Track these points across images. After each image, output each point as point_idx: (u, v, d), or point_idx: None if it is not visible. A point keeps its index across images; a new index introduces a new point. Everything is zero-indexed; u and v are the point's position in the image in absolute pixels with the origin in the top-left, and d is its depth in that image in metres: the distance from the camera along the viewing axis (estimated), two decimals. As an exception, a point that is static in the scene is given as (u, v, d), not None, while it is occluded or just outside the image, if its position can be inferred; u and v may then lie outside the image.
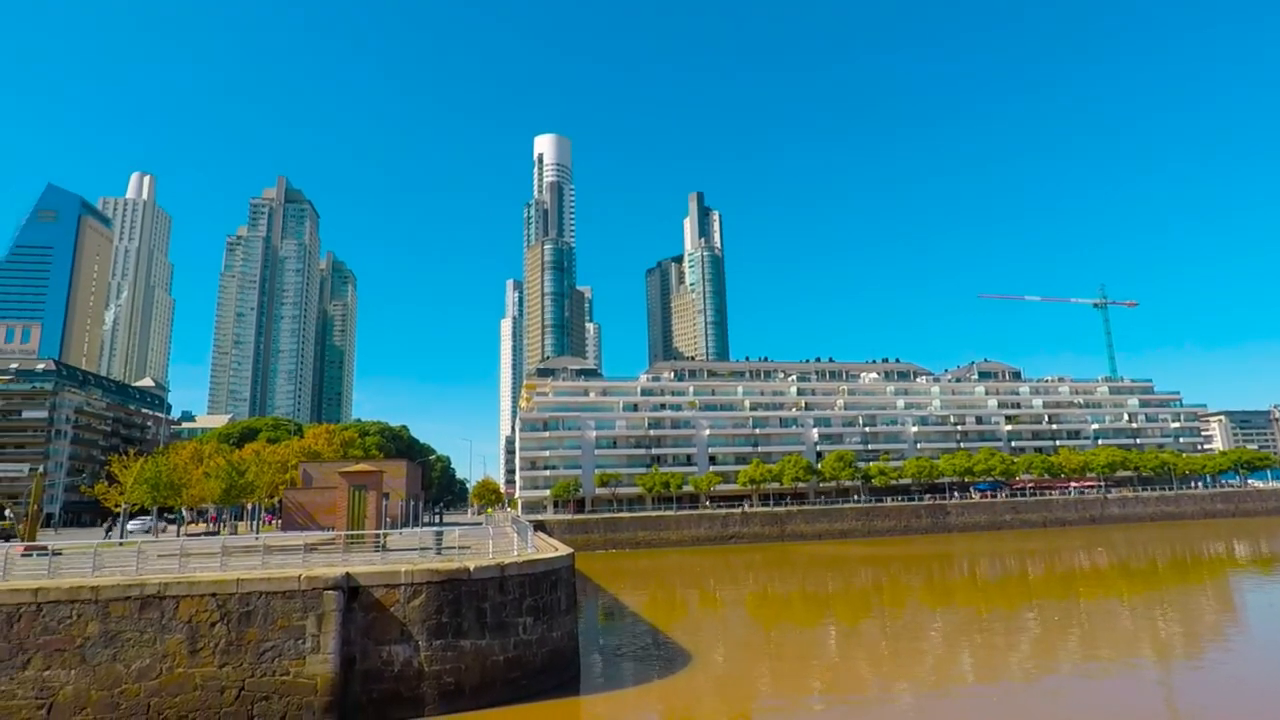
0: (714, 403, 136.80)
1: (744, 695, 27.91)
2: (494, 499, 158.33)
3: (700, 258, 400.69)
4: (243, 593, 22.43)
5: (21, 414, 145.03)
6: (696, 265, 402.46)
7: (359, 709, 22.53)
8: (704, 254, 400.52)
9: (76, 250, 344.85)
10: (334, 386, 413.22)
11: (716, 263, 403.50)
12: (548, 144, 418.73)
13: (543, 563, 26.96)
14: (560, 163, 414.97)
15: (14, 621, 21.30)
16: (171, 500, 69.28)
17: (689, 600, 56.34)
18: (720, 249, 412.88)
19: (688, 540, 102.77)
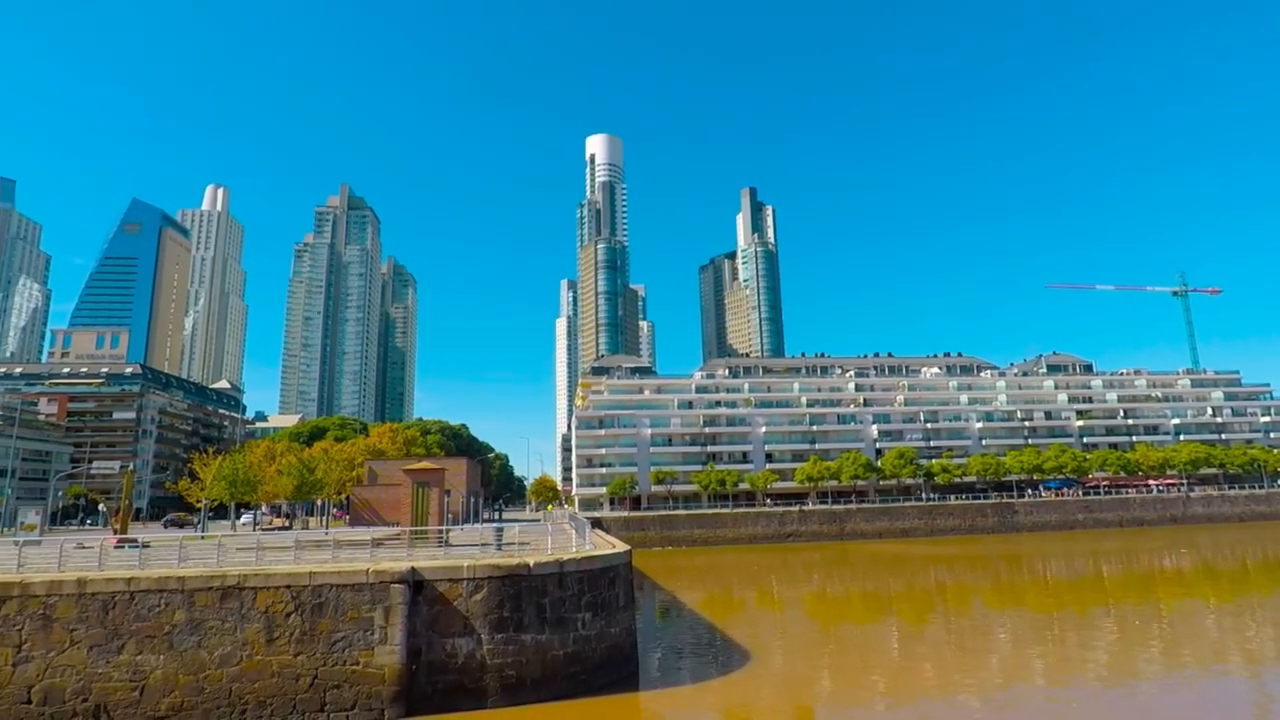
0: (769, 399, 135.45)
1: (804, 695, 27.63)
2: (551, 496, 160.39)
3: (753, 253, 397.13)
4: (315, 585, 23.37)
5: (112, 415, 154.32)
6: (750, 261, 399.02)
7: (425, 699, 23.21)
8: (757, 249, 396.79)
9: (158, 260, 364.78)
10: (396, 386, 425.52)
11: (770, 258, 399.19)
12: (599, 144, 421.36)
13: (601, 559, 27.23)
14: (612, 162, 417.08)
15: (109, 609, 22.71)
16: (247, 496, 72.49)
17: (746, 598, 56.02)
18: (774, 244, 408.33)
19: (744, 538, 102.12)
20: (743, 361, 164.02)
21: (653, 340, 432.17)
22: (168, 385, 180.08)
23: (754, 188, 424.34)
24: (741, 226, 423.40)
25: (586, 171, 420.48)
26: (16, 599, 22.57)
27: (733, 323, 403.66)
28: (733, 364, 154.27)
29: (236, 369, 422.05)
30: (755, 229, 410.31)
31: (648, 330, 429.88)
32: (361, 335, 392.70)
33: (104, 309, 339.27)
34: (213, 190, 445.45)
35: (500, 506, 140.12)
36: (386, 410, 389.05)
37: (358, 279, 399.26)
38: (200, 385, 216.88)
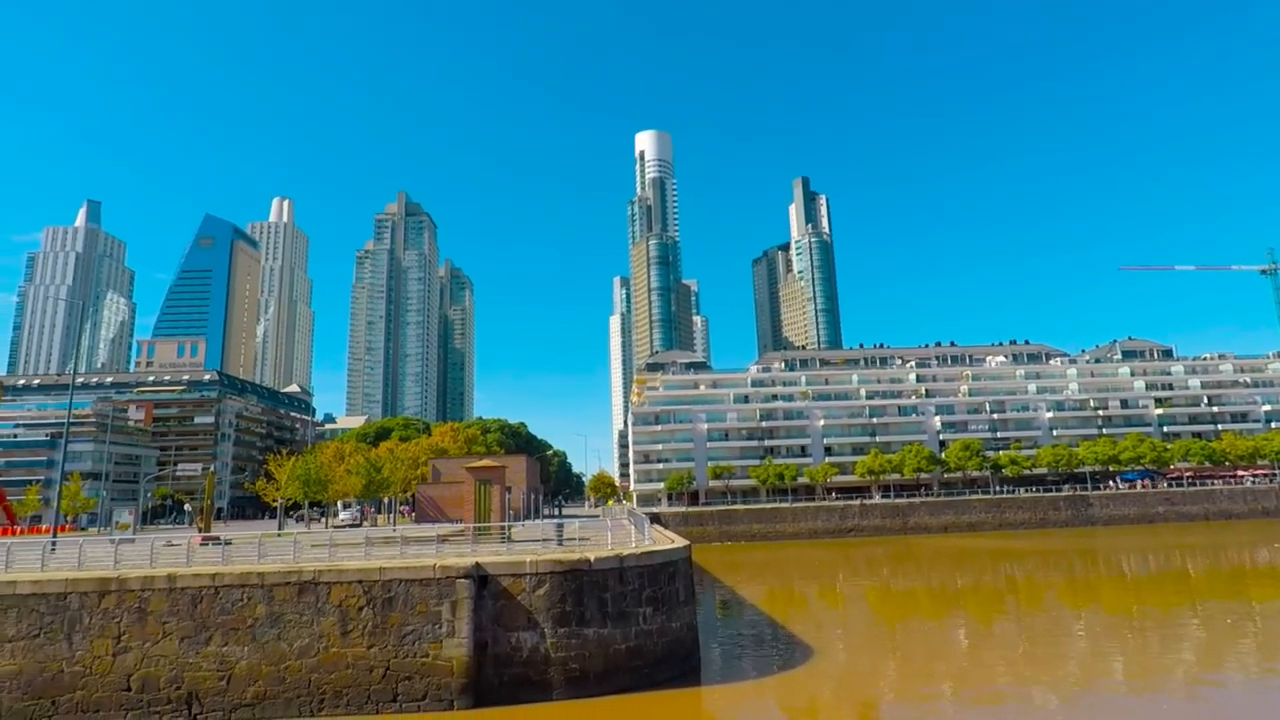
0: (827, 392, 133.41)
1: (869, 692, 27.21)
2: (609, 492, 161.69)
3: (807, 244, 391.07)
4: (385, 580, 24.22)
5: (194, 420, 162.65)
6: (804, 252, 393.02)
7: (492, 691, 23.80)
8: (811, 240, 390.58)
9: (231, 272, 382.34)
10: (456, 386, 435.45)
11: (825, 248, 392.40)
12: (648, 140, 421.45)
13: (660, 554, 27.39)
14: (661, 158, 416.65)
15: (197, 603, 24.04)
16: (319, 495, 75.44)
17: (807, 593, 55.42)
18: (828, 234, 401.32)
19: (804, 533, 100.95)
20: (799, 354, 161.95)
21: (707, 335, 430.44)
22: (243, 390, 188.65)
23: (806, 177, 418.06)
24: (794, 217, 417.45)
25: (636, 168, 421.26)
26: (114, 593, 24.11)
27: (787, 315, 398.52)
28: (789, 357, 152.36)
29: (305, 373, 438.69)
30: (809, 219, 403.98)
31: (701, 325, 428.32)
32: (422, 338, 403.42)
33: (183, 320, 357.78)
34: (278, 202, 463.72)
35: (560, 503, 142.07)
36: (447, 410, 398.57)
37: (417, 283, 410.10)
38: (272, 390, 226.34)
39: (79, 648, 23.66)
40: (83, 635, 23.76)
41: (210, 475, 53.34)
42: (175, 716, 23.09)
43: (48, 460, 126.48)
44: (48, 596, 24.11)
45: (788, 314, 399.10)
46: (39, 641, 23.71)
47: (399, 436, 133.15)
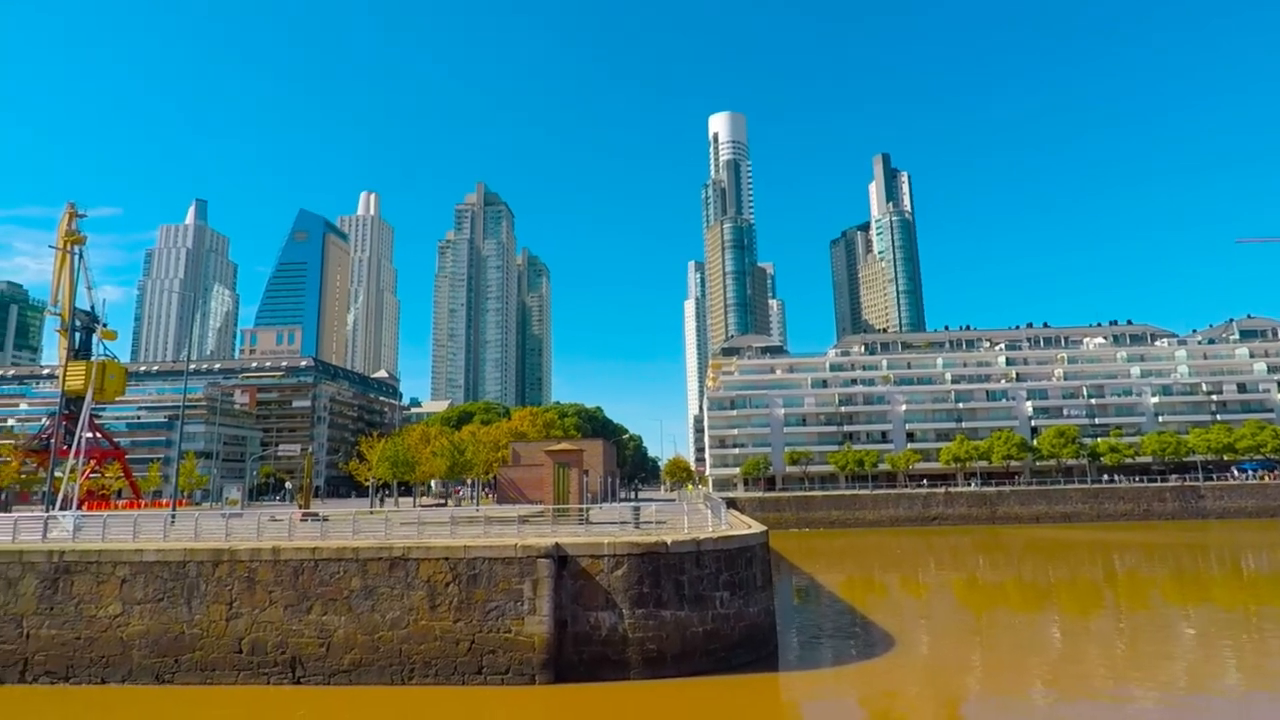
0: (910, 376, 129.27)
1: (953, 685, 26.43)
2: (685, 477, 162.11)
3: (888, 223, 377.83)
4: (469, 558, 25.16)
5: (292, 404, 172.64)
6: (885, 232, 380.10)
7: (572, 668, 24.43)
8: (892, 219, 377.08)
9: (323, 264, 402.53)
10: (534, 372, 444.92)
11: (907, 227, 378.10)
12: (722, 122, 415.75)
13: (737, 539, 27.34)
14: (735, 140, 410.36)
15: (299, 574, 25.64)
16: (406, 476, 78.86)
17: (888, 582, 54.17)
18: (910, 212, 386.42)
19: (885, 520, 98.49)
20: (880, 337, 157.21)
21: (783, 319, 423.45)
22: (336, 376, 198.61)
23: (887, 154, 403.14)
24: (874, 196, 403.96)
25: (710, 151, 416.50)
26: (227, 563, 26.00)
27: (867, 297, 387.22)
28: (869, 340, 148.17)
29: (392, 359, 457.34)
30: (889, 197, 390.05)
31: (778, 309, 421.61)
32: (501, 324, 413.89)
33: (281, 309, 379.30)
34: (365, 196, 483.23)
35: (636, 486, 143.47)
36: (526, 394, 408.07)
37: (495, 271, 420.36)
38: (363, 375, 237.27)
39: (197, 612, 25.68)
40: (200, 600, 25.76)
41: (308, 455, 56.64)
42: (281, 678, 24.77)
43: (166, 440, 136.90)
44: (170, 564, 26.25)
45: (867, 296, 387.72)
46: (163, 605, 25.86)
47: (480, 420, 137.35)
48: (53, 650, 25.95)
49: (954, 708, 24.13)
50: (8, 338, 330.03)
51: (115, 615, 26.00)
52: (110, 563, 26.56)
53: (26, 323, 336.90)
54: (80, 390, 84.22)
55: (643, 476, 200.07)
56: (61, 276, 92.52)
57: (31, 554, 27.10)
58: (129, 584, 26.22)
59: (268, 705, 23.32)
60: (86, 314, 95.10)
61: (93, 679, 25.51)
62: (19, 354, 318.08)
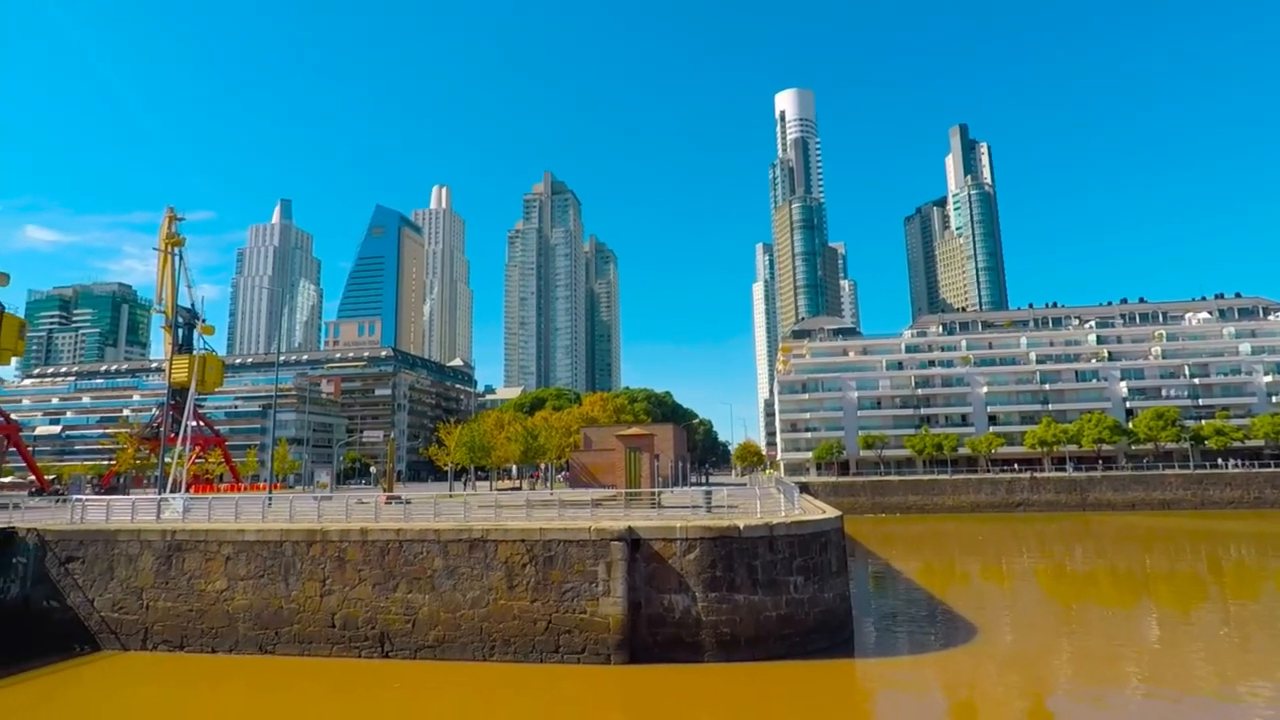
0: (991, 356, 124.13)
1: (1039, 676, 25.48)
2: (756, 461, 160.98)
3: (966, 197, 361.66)
4: (545, 540, 25.82)
5: (374, 392, 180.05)
6: (963, 206, 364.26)
7: (646, 649, 24.80)
8: (970, 193, 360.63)
9: (400, 257, 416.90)
10: (603, 358, 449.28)
11: (986, 201, 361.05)
12: (789, 100, 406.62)
13: (811, 524, 27.06)
14: (803, 117, 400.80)
15: (385, 554, 26.90)
16: (483, 460, 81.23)
17: (969, 570, 52.53)
18: (990, 185, 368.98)
19: (965, 506, 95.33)
20: (958, 316, 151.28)
21: (855, 300, 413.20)
22: (414, 365, 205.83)
23: (964, 125, 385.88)
24: (951, 169, 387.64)
25: (777, 130, 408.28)
26: (319, 543, 27.52)
27: (945, 275, 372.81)
28: (947, 319, 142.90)
29: (467, 348, 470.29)
30: (967, 170, 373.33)
31: (850, 290, 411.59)
32: (570, 312, 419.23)
33: (361, 302, 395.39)
34: (437, 190, 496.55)
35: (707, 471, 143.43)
36: (596, 380, 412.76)
37: (564, 259, 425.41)
38: (439, 364, 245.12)
39: (293, 588, 27.31)
40: (296, 577, 27.38)
41: (391, 441, 59.11)
42: (371, 651, 26.11)
43: (261, 428, 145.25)
44: (268, 544, 27.98)
45: (945, 274, 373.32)
46: (263, 581, 27.63)
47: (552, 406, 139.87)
48: (169, 621, 28.13)
49: (1041, 700, 23.29)
50: (120, 335, 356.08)
51: (221, 590, 27.94)
52: (216, 541, 28.53)
53: (136, 320, 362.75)
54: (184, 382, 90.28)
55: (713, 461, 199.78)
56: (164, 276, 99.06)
57: (148, 533, 29.38)
58: (233, 561, 28.11)
59: (360, 677, 24.63)
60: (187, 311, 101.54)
61: (204, 648, 27.54)
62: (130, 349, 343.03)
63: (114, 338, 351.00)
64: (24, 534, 30.31)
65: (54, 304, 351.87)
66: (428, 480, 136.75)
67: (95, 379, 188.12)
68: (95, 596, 28.98)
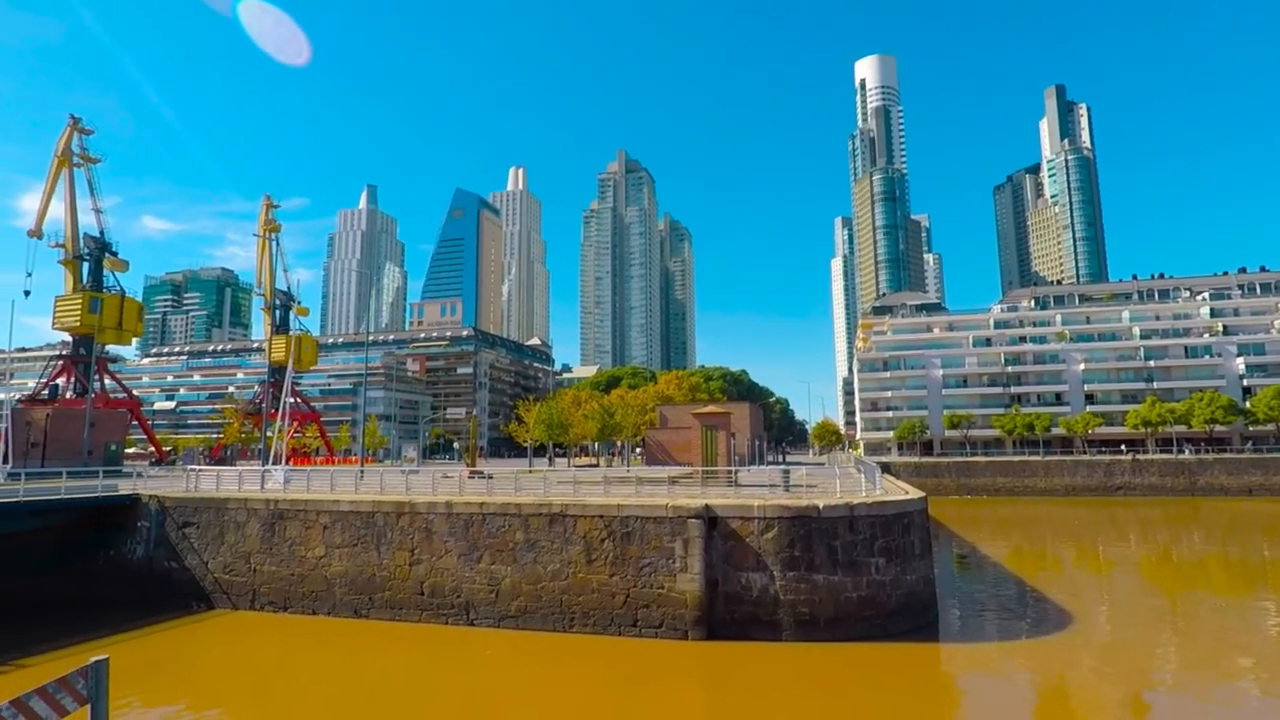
0: (1089, 331, 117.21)
1: (1140, 668, 24.11)
2: (834, 440, 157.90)
3: (1063, 163, 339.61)
4: (623, 516, 26.13)
5: (456, 371, 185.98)
6: (1058, 172, 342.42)
7: (723, 626, 24.85)
8: (1068, 158, 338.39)
9: (479, 239, 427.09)
10: (678, 336, 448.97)
11: (1085, 166, 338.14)
12: (869, 67, 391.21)
13: (893, 505, 26.37)
14: (885, 85, 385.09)
15: (469, 526, 27.88)
16: (561, 438, 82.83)
17: (1062, 555, 50.11)
18: (1090, 149, 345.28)
19: (1059, 489, 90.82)
20: (1052, 290, 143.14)
21: (940, 274, 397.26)
22: (494, 345, 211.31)
23: (1061, 86, 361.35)
24: (1046, 133, 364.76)
25: (856, 99, 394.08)
26: (408, 515, 28.77)
27: (1037, 246, 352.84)
28: (1040, 293, 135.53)
29: (544, 327, 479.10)
30: (1064, 134, 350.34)
31: (934, 263, 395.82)
32: (645, 290, 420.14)
33: (443, 283, 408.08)
34: (514, 172, 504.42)
35: (784, 449, 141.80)
36: (671, 358, 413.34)
37: (638, 238, 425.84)
38: (517, 343, 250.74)
39: (385, 556, 28.71)
40: (387, 547, 28.76)
41: (473, 418, 61.02)
42: (457, 619, 27.21)
43: (352, 404, 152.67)
44: (361, 514, 29.46)
45: (1038, 245, 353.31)
46: (357, 549, 29.15)
47: (628, 385, 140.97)
48: (273, 584, 30.11)
49: (1140, 693, 22.06)
50: (225, 317, 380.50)
51: (320, 556, 29.66)
52: (314, 511, 30.25)
53: (238, 303, 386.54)
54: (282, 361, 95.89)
55: (789, 440, 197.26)
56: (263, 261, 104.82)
57: (254, 501, 31.44)
58: (329, 530, 29.77)
59: (447, 643, 25.74)
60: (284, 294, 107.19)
61: (305, 610, 29.37)
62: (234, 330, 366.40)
63: (219, 319, 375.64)
64: (147, 500, 32.98)
65: (167, 288, 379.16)
66: (507, 456, 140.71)
67: (204, 358, 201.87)
68: (209, 559, 31.31)
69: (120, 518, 32.95)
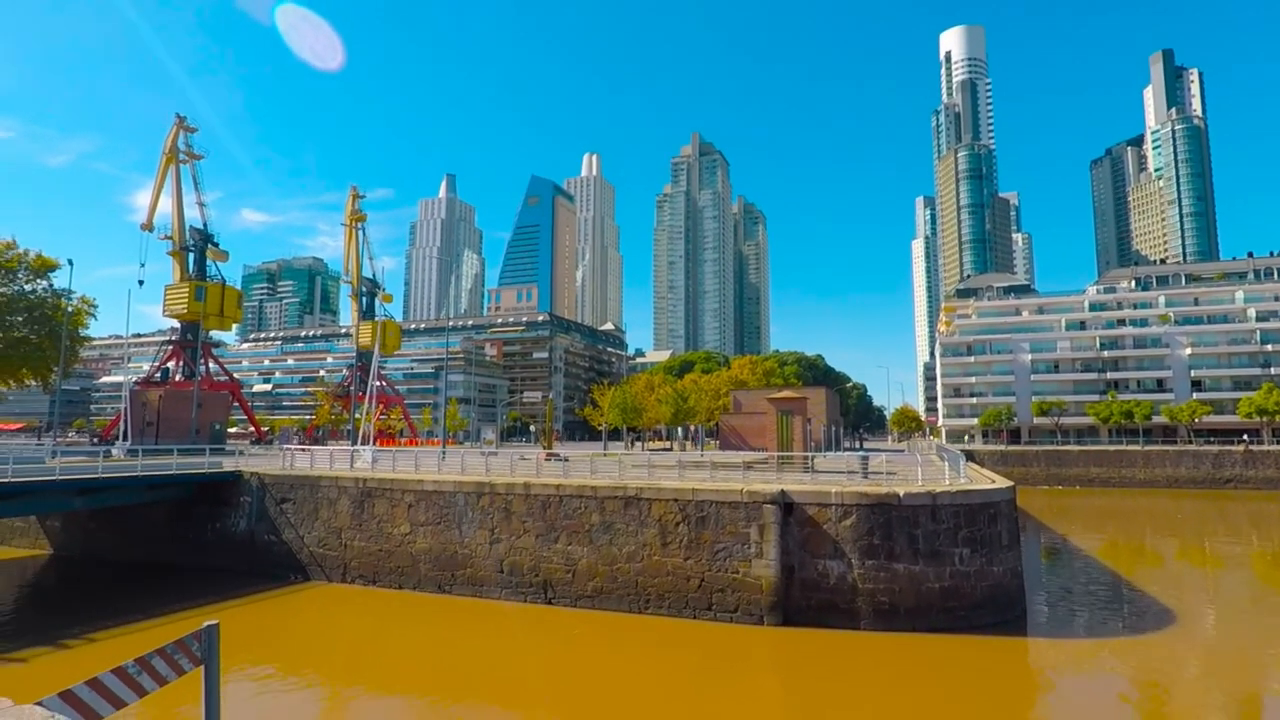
0: (1197, 314, 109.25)
1: (1250, 671, 22.48)
2: (913, 426, 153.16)
3: (1170, 133, 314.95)
4: (697, 500, 26.14)
5: (532, 355, 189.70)
6: (1164, 144, 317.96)
7: (799, 613, 24.59)
8: (1175, 127, 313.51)
9: (554, 225, 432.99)
10: (752, 320, 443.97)
11: (1195, 136, 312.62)
12: (955, 39, 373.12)
13: (979, 493, 25.39)
14: (972, 57, 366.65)
15: (546, 507, 28.48)
16: (634, 421, 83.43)
17: (1163, 550, 47.17)
18: (1201, 118, 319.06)
19: (1160, 481, 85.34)
20: (1155, 270, 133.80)
21: (1029, 254, 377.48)
22: (568, 330, 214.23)
23: (1168, 50, 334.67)
24: (1150, 103, 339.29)
25: (941, 73, 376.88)
26: (487, 495, 29.63)
27: (1139, 224, 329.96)
28: (1141, 273, 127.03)
29: (617, 312, 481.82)
30: (1171, 103, 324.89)
31: (1023, 243, 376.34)
32: (718, 274, 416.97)
33: (519, 269, 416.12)
34: (588, 158, 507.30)
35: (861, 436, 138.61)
36: (744, 343, 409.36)
37: (712, 221, 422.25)
38: (591, 328, 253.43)
39: (466, 535, 29.68)
40: (468, 525, 29.72)
41: (549, 402, 62.20)
42: (535, 597, 27.92)
43: (433, 388, 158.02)
44: (443, 494, 30.53)
45: (1139, 222, 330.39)
46: (440, 528, 30.26)
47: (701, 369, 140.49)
48: (363, 559, 31.64)
49: (1249, 696, 20.58)
50: (315, 303, 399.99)
51: (405, 534, 30.94)
52: (400, 490, 31.55)
53: (327, 290, 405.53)
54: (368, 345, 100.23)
55: (867, 426, 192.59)
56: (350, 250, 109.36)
57: (345, 480, 33.04)
58: (414, 508, 30.99)
59: (526, 620, 26.47)
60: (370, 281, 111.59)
61: (392, 584, 30.75)
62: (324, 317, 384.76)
63: (310, 306, 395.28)
64: (249, 477, 35.15)
65: (262, 277, 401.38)
66: (583, 440, 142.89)
67: (296, 343, 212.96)
68: (304, 533, 33.15)
69: (225, 493, 35.26)
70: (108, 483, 32.42)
